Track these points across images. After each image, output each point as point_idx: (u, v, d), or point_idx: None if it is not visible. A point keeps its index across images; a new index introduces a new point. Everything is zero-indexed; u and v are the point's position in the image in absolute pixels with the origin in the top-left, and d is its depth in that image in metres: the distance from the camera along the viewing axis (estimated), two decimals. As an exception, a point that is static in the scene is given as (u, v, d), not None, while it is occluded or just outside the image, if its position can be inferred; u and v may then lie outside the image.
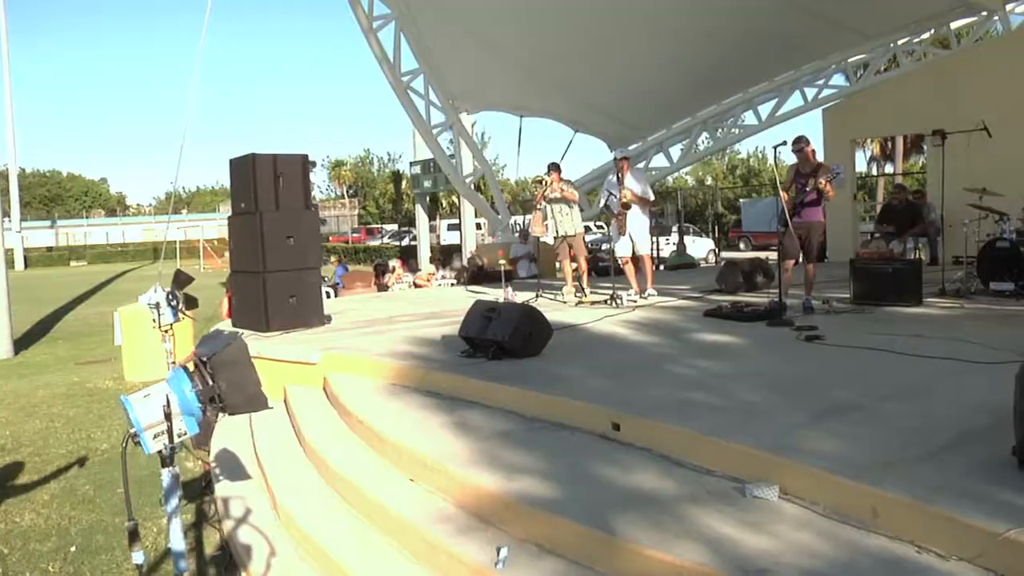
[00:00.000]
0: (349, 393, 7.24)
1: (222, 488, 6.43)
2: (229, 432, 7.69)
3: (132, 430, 3.36)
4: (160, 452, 3.43)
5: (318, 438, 6.60)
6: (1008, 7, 19.33)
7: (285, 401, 8.06)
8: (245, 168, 10.12)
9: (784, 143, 10.00)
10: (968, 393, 5.58)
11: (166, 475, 3.47)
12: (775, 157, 10.03)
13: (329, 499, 5.68)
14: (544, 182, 12.23)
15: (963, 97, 15.94)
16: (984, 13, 19.66)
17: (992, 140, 11.53)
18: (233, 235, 10.91)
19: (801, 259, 10.27)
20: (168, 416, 3.36)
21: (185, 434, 3.49)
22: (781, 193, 9.98)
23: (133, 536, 3.37)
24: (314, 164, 78.80)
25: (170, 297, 8.65)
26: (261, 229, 9.86)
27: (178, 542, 3.57)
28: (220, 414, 4.57)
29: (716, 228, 38.97)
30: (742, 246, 41.59)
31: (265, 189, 9.97)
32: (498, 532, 4.40)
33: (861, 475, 4.01)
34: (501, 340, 7.45)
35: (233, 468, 6.77)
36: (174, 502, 3.51)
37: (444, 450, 5.33)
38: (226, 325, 10.91)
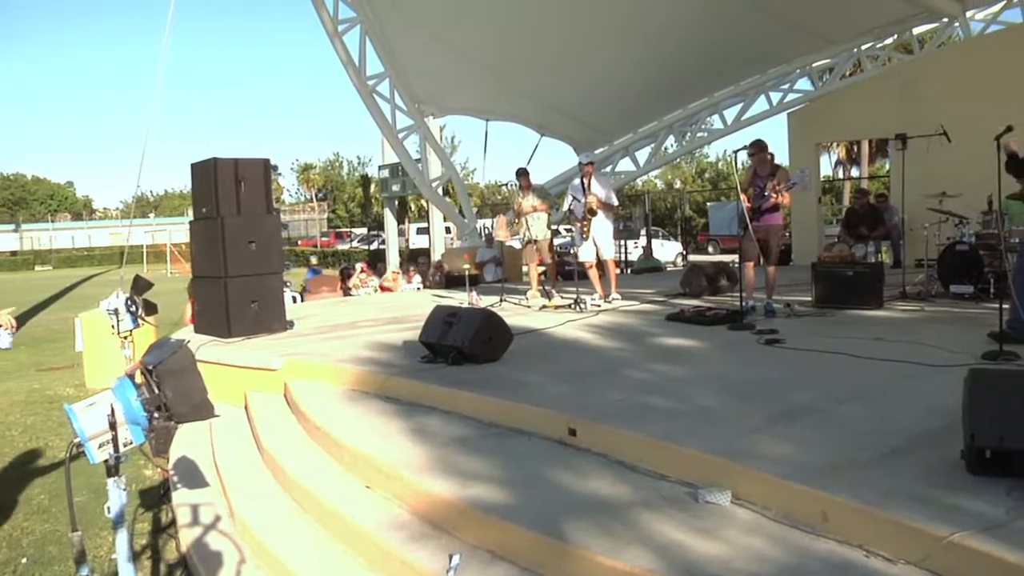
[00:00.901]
0: (309, 399, 7.21)
1: (180, 496, 6.37)
2: (189, 439, 7.62)
3: (76, 440, 3.33)
4: (106, 462, 3.39)
5: (276, 445, 6.57)
6: (968, 14, 19.59)
7: (246, 407, 8.03)
8: (207, 172, 10.05)
9: (744, 147, 10.08)
10: (923, 396, 5.62)
11: (111, 486, 3.44)
12: (735, 161, 10.09)
13: (286, 507, 5.65)
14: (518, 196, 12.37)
15: (926, 102, 16.07)
16: (945, 19, 19.89)
17: (952, 145, 11.61)
18: (195, 240, 10.85)
19: (762, 262, 10.33)
20: (113, 425, 3.33)
21: (131, 443, 3.46)
22: (743, 197, 10.03)
23: (80, 553, 3.33)
24: (275, 168, 78.62)
25: (129, 303, 8.59)
26: (222, 234, 9.80)
27: (124, 557, 3.51)
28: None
29: (684, 231, 39.13)
30: (711, 249, 41.80)
31: (227, 193, 9.91)
32: (452, 539, 4.39)
33: (812, 479, 4.03)
34: (461, 345, 7.44)
35: (192, 475, 6.71)
36: (120, 514, 3.46)
37: (401, 457, 5.30)
38: (189, 330, 10.84)
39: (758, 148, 10.37)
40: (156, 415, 3.46)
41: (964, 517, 3.48)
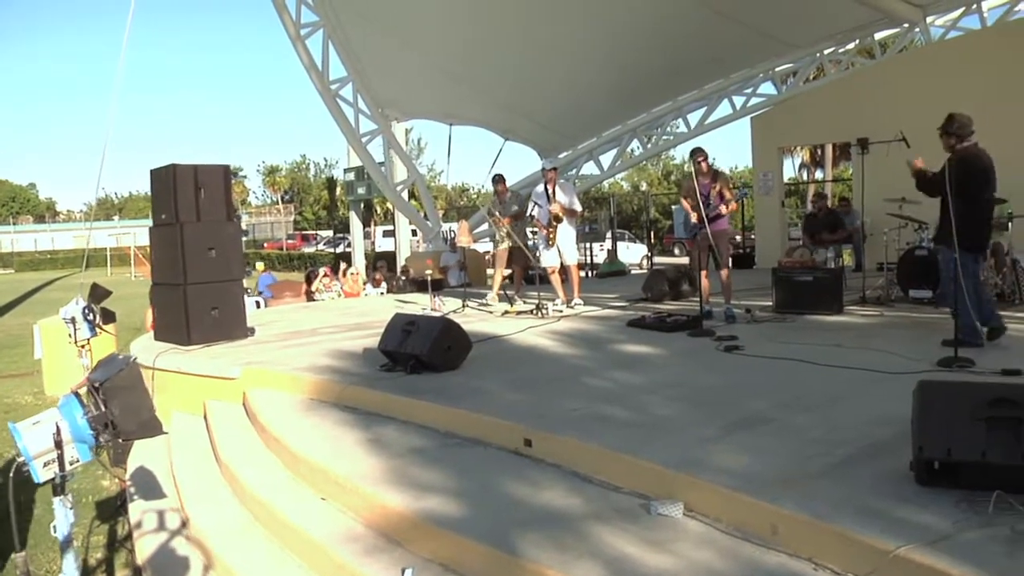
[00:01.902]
0: (267, 409, 7.17)
1: (136, 507, 6.34)
2: (148, 448, 7.53)
3: (21, 458, 3.30)
4: (52, 481, 3.36)
5: (234, 456, 6.53)
6: (928, 20, 19.79)
7: (205, 417, 7.97)
8: (166, 179, 9.96)
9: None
10: (878, 404, 5.65)
11: (58, 505, 3.40)
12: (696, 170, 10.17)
13: (242, 519, 5.63)
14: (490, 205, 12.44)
15: (887, 106, 16.22)
16: (906, 25, 20.06)
17: (912, 149, 11.69)
18: (154, 246, 10.76)
19: (714, 267, 10.40)
20: (59, 444, 3.30)
21: (77, 462, 3.43)
22: (684, 204, 10.12)
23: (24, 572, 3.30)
24: (240, 170, 78.14)
25: (86, 311, 8.52)
26: (182, 240, 9.72)
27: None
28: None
29: (651, 234, 39.22)
30: (676, 251, 41.87)
31: (186, 200, 9.82)
32: (405, 552, 4.39)
33: (763, 491, 4.06)
34: (420, 354, 7.43)
35: (149, 487, 6.67)
36: (67, 535, 3.43)
37: (356, 468, 5.29)
38: (150, 337, 10.75)
39: (702, 155, 10.42)
40: (103, 433, 3.43)
41: (911, 530, 3.51)
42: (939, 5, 19.50)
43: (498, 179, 12.88)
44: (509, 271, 13.03)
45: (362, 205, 39.06)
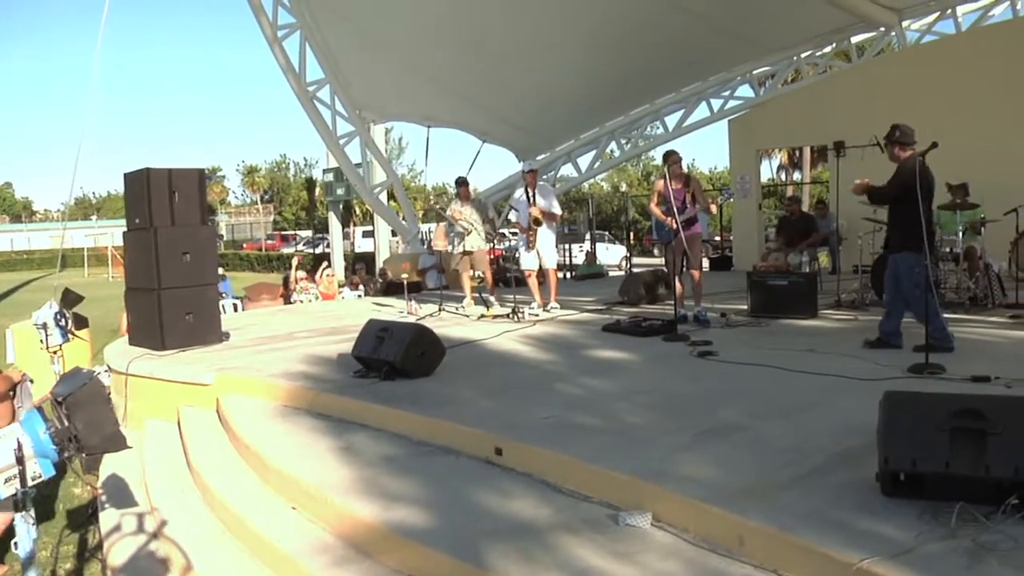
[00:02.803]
0: (239, 416, 7.14)
1: (108, 516, 6.30)
2: (121, 455, 7.49)
3: (-18, 474, 3.28)
4: (13, 496, 3.34)
5: (206, 464, 6.51)
6: (904, 24, 19.93)
7: (178, 423, 7.93)
8: (139, 182, 9.91)
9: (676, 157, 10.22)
10: (847, 413, 5.65)
11: (19, 522, 3.38)
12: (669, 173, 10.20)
13: (213, 528, 5.60)
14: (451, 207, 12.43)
15: (864, 109, 16.29)
16: (882, 29, 20.18)
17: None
18: (128, 251, 10.70)
19: (686, 269, 10.43)
20: (21, 460, 3.28)
21: (40, 477, 3.41)
22: (655, 211, 10.15)
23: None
24: (214, 174, 77.80)
25: (58, 317, 8.48)
26: (156, 245, 9.67)
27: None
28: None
29: (630, 235, 39.27)
30: (656, 252, 41.92)
31: (160, 204, 9.77)
32: (374, 564, 4.38)
33: (731, 502, 4.07)
34: (393, 360, 7.41)
35: (120, 495, 6.64)
36: (30, 549, 3.41)
37: (327, 478, 5.28)
38: (125, 341, 10.70)
39: (675, 158, 10.44)
40: (66, 448, 3.42)
41: (875, 542, 3.53)
42: (915, 10, 19.66)
43: (461, 182, 12.88)
44: (476, 272, 13.03)
45: (341, 206, 38.96)
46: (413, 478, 5.18)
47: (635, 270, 20.56)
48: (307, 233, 66.21)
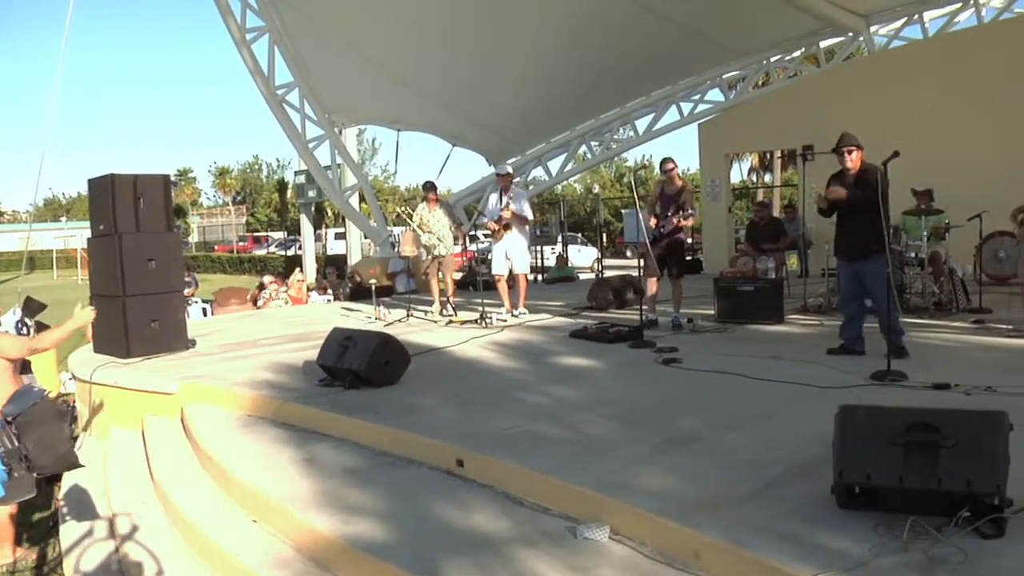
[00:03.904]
0: (203, 426, 7.10)
1: (68, 529, 6.23)
2: (83, 467, 7.49)
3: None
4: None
5: (168, 475, 6.46)
6: (872, 29, 20.11)
7: (143, 433, 7.87)
8: (104, 188, 9.83)
9: (644, 165, 10.22)
10: (808, 423, 5.67)
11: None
12: (635, 183, 10.23)
13: (174, 542, 5.56)
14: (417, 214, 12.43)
15: (832, 113, 16.42)
16: (851, 34, 20.33)
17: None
18: (93, 257, 10.62)
19: (667, 276, 10.49)
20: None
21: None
22: (640, 212, 10.17)
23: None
24: (185, 175, 77.32)
25: (20, 326, 8.42)
26: (120, 252, 9.60)
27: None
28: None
29: (602, 237, 39.34)
30: (628, 254, 42.03)
31: (125, 210, 9.69)
32: (333, 578, 4.37)
33: (687, 515, 4.08)
34: (358, 369, 7.40)
35: (82, 507, 6.57)
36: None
37: (287, 490, 5.26)
38: (90, 349, 10.60)
39: (672, 164, 10.52)
40: (16, 468, 3.39)
41: (829, 556, 3.55)
42: (882, 15, 19.85)
43: (429, 187, 12.89)
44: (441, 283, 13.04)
45: (313, 208, 38.88)
46: (374, 490, 5.18)
47: (605, 273, 20.58)
48: (280, 235, 65.90)
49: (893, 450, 3.90)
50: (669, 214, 10.25)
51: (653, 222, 10.32)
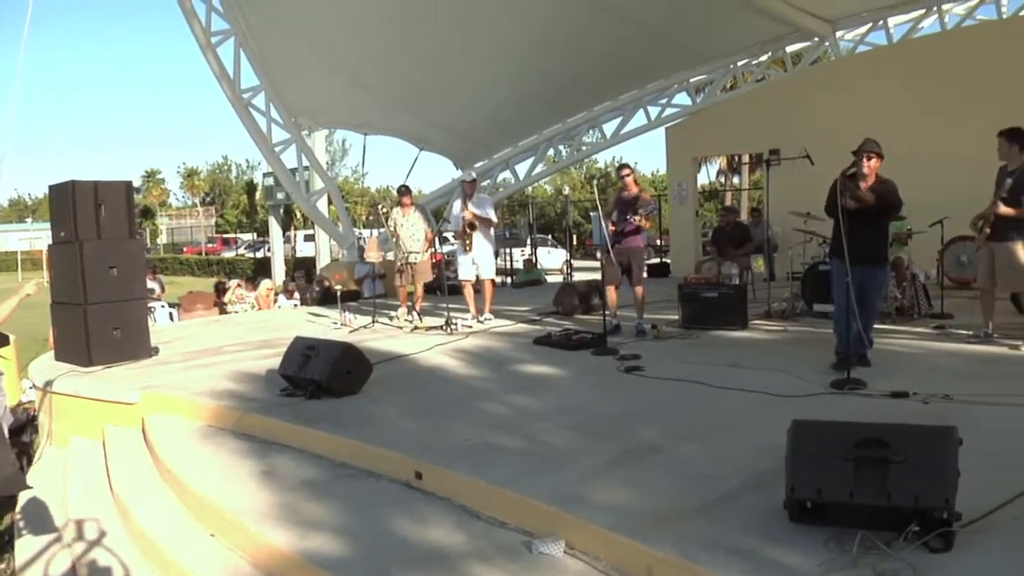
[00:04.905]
0: (163, 437, 7.04)
1: (24, 543, 6.17)
2: (43, 477, 7.46)
3: None
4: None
5: (126, 487, 6.41)
6: (838, 34, 20.31)
7: (103, 444, 7.80)
8: (64, 195, 9.73)
9: (606, 174, 10.28)
10: (766, 432, 5.61)
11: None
12: (597, 189, 10.28)
13: (131, 556, 5.51)
14: (393, 217, 12.42)
15: (799, 117, 16.58)
16: (817, 39, 20.48)
17: (821, 163, 11.86)
18: (53, 265, 10.52)
19: (627, 283, 10.55)
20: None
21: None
22: (603, 221, 10.23)
23: None
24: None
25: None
26: (81, 259, 9.52)
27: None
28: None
29: (572, 239, 39.36)
30: (598, 255, 42.01)
31: (86, 217, 9.60)
32: (289, 594, 4.36)
33: (640, 530, 4.09)
34: (319, 379, 7.38)
35: (40, 520, 6.50)
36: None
37: (245, 503, 5.23)
38: (51, 357, 10.51)
39: (628, 171, 10.66)
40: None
41: (779, 571, 3.59)
42: (848, 21, 20.00)
43: (403, 191, 12.87)
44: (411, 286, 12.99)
45: (282, 210, 38.64)
46: (331, 503, 5.16)
47: (575, 276, 20.63)
48: (249, 236, 65.58)
49: (844, 465, 3.92)
50: (628, 218, 10.32)
51: (612, 229, 10.39)
